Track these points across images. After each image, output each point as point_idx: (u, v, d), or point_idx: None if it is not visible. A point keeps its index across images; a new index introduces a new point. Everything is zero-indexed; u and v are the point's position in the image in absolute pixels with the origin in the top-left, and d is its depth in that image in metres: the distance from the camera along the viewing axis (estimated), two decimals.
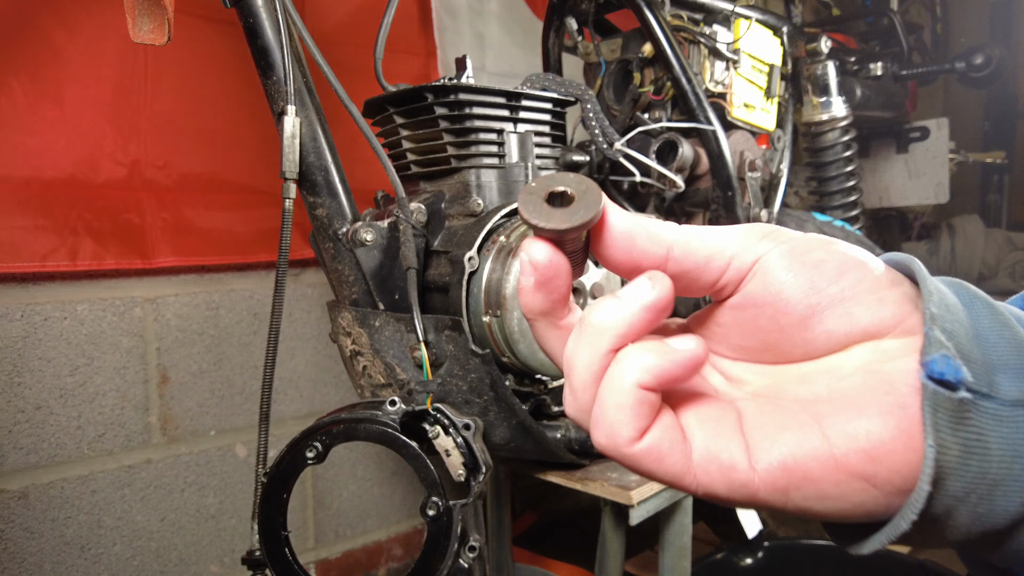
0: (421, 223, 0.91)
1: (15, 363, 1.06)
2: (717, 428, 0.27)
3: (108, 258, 1.11)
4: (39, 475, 1.09)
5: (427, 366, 0.84)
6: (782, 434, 0.26)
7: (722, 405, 0.29)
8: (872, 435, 0.25)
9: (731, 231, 0.29)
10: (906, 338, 0.27)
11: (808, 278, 0.27)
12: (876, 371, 0.27)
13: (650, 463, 0.26)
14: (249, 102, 1.23)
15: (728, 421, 0.28)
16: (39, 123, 1.04)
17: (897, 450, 0.24)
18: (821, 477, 0.25)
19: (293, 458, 0.77)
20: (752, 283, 0.28)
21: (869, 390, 0.26)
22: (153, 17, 0.83)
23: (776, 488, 0.26)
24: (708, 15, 1.19)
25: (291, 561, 0.77)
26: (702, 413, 0.28)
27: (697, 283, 0.29)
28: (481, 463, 0.77)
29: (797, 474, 0.25)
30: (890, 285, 0.28)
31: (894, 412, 0.25)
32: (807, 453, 0.25)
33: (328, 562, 1.44)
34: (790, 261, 0.28)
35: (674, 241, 0.28)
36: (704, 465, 0.26)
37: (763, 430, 0.27)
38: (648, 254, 0.28)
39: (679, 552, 1.04)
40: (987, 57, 1.62)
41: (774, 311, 0.28)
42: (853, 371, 0.27)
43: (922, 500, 0.24)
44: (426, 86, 0.91)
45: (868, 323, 0.27)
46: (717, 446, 0.27)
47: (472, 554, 0.73)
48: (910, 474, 0.25)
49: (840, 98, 1.36)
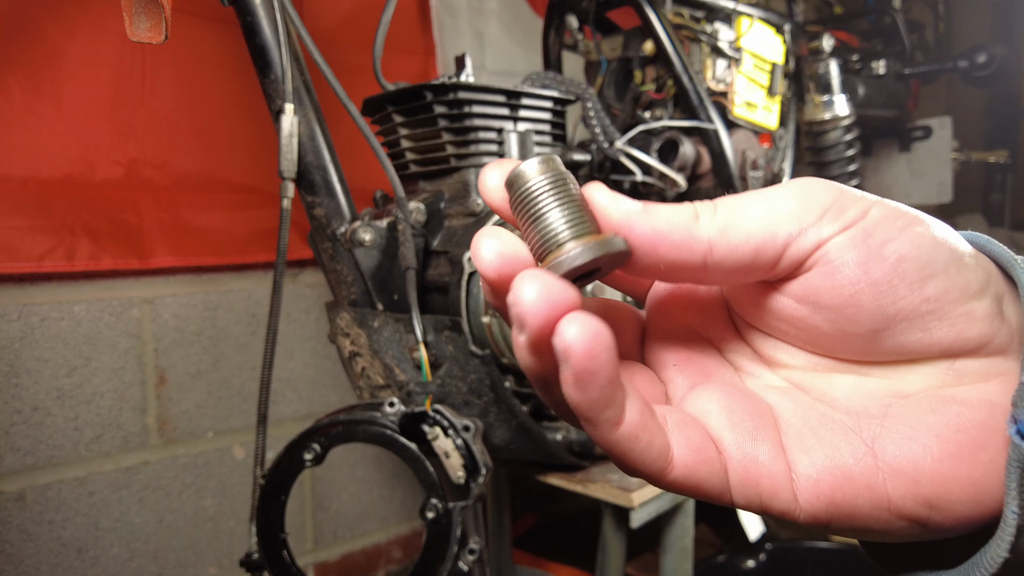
0: (420, 223, 0.90)
1: (12, 364, 1.06)
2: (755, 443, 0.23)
3: (105, 258, 1.11)
4: (36, 476, 1.08)
5: (426, 367, 0.83)
6: (829, 458, 0.23)
7: (757, 405, 0.25)
8: (935, 480, 0.22)
9: (781, 203, 0.23)
10: (988, 359, 0.23)
11: (886, 282, 0.22)
12: (947, 398, 0.23)
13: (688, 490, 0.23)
14: (247, 101, 1.23)
15: (768, 428, 0.24)
16: (36, 122, 1.04)
17: (961, 500, 0.22)
18: (868, 515, 0.22)
19: (291, 460, 0.76)
20: (814, 275, 0.23)
21: (937, 422, 0.22)
22: (150, 16, 0.83)
23: (817, 520, 0.23)
24: (710, 13, 1.18)
25: (289, 563, 0.76)
26: (736, 419, 0.24)
27: (744, 278, 0.24)
28: (481, 465, 0.76)
29: (843, 510, 0.22)
30: (980, 291, 0.23)
31: (964, 457, 0.22)
32: (858, 491, 0.22)
33: (327, 564, 1.43)
34: (863, 255, 0.22)
35: (711, 241, 0.22)
36: (741, 489, 0.23)
37: (805, 447, 0.23)
38: (679, 264, 0.22)
39: (680, 555, 1.03)
40: (990, 55, 1.61)
41: (838, 316, 0.23)
42: (919, 391, 0.24)
43: (997, 564, 0.21)
44: (425, 85, 0.91)
45: (950, 343, 0.23)
46: (757, 468, 0.23)
47: (472, 557, 0.73)
48: (969, 522, 0.22)
49: (843, 97, 1.35)
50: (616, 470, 0.98)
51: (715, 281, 0.24)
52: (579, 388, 0.20)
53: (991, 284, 0.23)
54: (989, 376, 0.23)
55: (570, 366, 0.19)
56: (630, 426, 0.21)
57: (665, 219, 0.22)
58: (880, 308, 0.22)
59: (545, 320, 0.19)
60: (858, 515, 0.22)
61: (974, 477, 0.21)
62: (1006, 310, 0.23)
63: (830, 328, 0.24)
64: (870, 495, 0.22)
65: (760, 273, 0.23)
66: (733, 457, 0.23)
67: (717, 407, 0.24)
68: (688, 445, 0.23)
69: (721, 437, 0.23)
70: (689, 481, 0.23)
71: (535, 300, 0.19)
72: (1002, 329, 0.23)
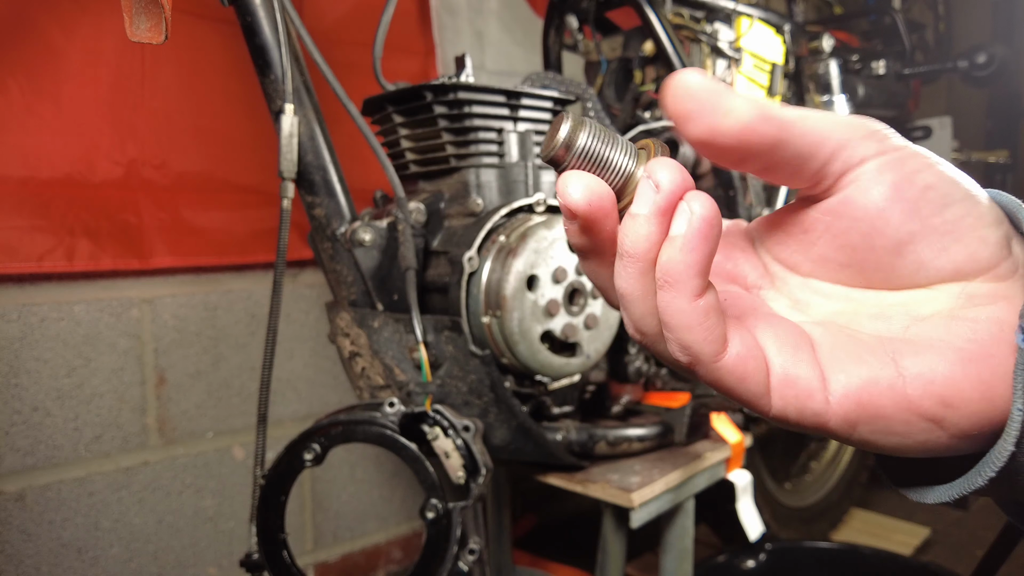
0: (420, 223, 0.90)
1: (11, 364, 1.06)
2: (795, 353, 0.26)
3: (105, 258, 1.10)
4: (36, 477, 1.08)
5: (426, 367, 0.83)
6: (858, 367, 0.26)
7: (797, 329, 0.28)
8: (949, 381, 0.24)
9: (834, 118, 0.27)
10: (997, 283, 0.26)
11: (913, 203, 0.26)
12: (959, 317, 0.26)
13: (733, 382, 0.26)
14: (247, 101, 1.23)
15: (804, 346, 0.27)
16: (36, 122, 1.04)
17: (973, 399, 0.24)
18: (892, 415, 0.25)
19: (291, 460, 0.76)
20: (852, 189, 0.27)
21: (950, 335, 0.25)
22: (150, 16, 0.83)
23: (847, 421, 0.26)
24: (710, 13, 1.18)
25: (289, 564, 0.76)
26: (779, 336, 0.27)
27: (798, 173, 0.27)
28: (481, 465, 0.76)
29: (870, 410, 0.25)
30: (993, 223, 0.26)
31: (974, 361, 0.24)
32: (882, 391, 0.25)
33: (326, 565, 1.43)
34: (897, 178, 0.26)
35: (789, 120, 0.26)
36: (781, 390, 0.26)
37: (838, 360, 0.26)
38: (762, 136, 0.25)
39: (681, 555, 1.03)
40: (990, 56, 1.61)
41: (870, 229, 0.27)
42: (934, 313, 0.27)
43: (1004, 458, 0.24)
44: (425, 85, 0.91)
45: (963, 262, 0.26)
46: (796, 371, 0.26)
47: (472, 557, 0.73)
48: (981, 422, 0.25)
49: (843, 97, 1.35)
50: (616, 470, 0.98)
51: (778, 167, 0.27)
52: (701, 241, 0.24)
53: (1003, 223, 0.27)
54: (997, 299, 0.26)
55: (693, 223, 0.24)
56: (706, 303, 0.25)
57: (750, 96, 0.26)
58: (906, 223, 0.26)
59: (675, 194, 0.25)
60: (883, 415, 0.25)
61: (983, 376, 0.24)
62: (1015, 247, 0.27)
63: (861, 241, 0.27)
64: (892, 395, 0.25)
65: (813, 170, 0.27)
66: (775, 364, 0.26)
67: (761, 329, 0.27)
68: (742, 341, 0.26)
69: (766, 348, 0.27)
70: (737, 371, 0.26)
71: (670, 180, 0.25)
72: (1009, 258, 0.26)
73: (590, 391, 1.07)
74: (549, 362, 0.87)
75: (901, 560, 1.37)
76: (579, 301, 0.89)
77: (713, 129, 0.25)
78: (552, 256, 0.85)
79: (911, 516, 1.85)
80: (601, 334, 0.91)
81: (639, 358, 1.09)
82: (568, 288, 0.87)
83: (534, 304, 0.84)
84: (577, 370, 0.91)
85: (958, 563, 1.59)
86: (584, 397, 1.06)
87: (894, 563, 1.33)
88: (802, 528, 1.60)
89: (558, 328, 0.87)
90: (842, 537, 1.74)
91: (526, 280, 0.83)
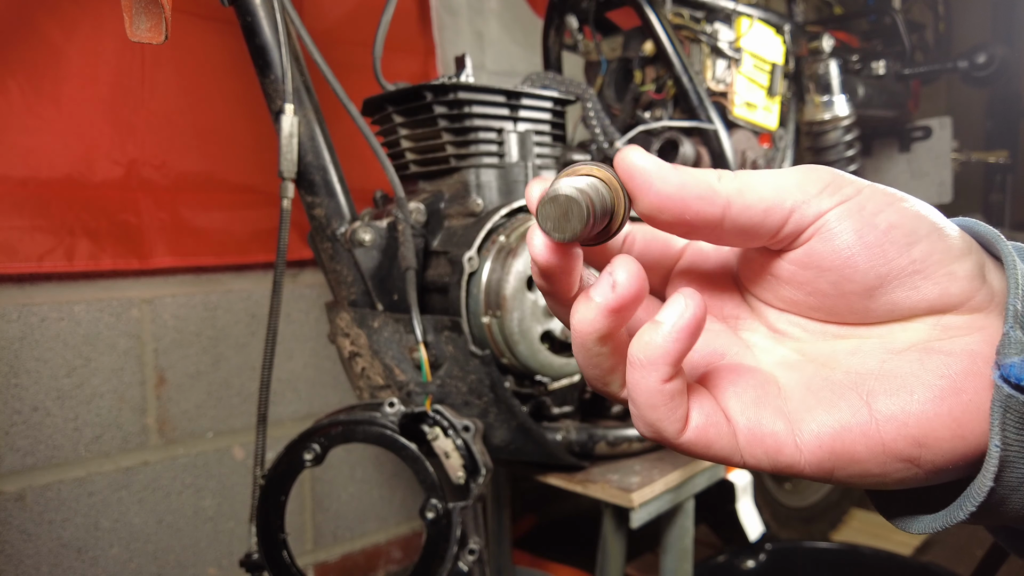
0: (420, 223, 0.90)
1: (12, 364, 1.06)
2: (759, 409, 0.27)
3: (105, 258, 1.11)
4: (36, 477, 1.08)
5: (426, 367, 0.83)
6: (830, 414, 0.26)
7: (761, 377, 0.28)
8: (922, 421, 0.25)
9: (787, 177, 0.27)
10: (972, 314, 0.26)
11: (878, 246, 0.26)
12: (933, 350, 0.26)
13: (699, 450, 0.26)
14: (247, 101, 1.23)
15: (770, 396, 0.27)
16: (36, 122, 1.04)
17: (946, 437, 0.24)
18: (867, 459, 0.25)
19: (291, 460, 0.76)
20: (816, 242, 0.26)
21: (923, 370, 0.25)
22: (150, 16, 0.83)
23: (821, 468, 0.26)
24: (710, 13, 1.18)
25: (289, 564, 0.76)
26: (743, 391, 0.27)
27: (754, 239, 0.27)
28: (481, 465, 0.76)
29: (844, 456, 0.26)
30: (961, 256, 0.26)
31: (946, 398, 0.25)
32: (855, 438, 0.25)
33: (326, 565, 1.43)
34: (858, 223, 0.26)
35: (729, 197, 0.26)
36: (749, 448, 0.26)
37: (809, 408, 0.26)
38: (702, 215, 0.26)
39: (681, 555, 1.03)
40: (990, 56, 1.61)
41: (838, 277, 0.27)
42: (908, 346, 0.27)
43: (983, 494, 0.24)
44: (425, 85, 0.91)
45: (935, 299, 0.26)
46: (761, 428, 0.26)
47: (471, 557, 0.73)
48: (955, 458, 0.25)
49: (843, 97, 1.35)
50: (616, 471, 0.98)
51: (728, 238, 0.27)
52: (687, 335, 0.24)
53: (972, 252, 0.27)
54: (972, 330, 0.26)
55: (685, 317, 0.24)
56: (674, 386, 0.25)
57: (691, 175, 0.26)
58: (873, 268, 0.26)
59: None
60: (857, 460, 0.25)
61: (955, 414, 0.24)
62: (989, 276, 0.27)
63: (831, 289, 0.27)
64: (866, 441, 0.25)
65: (767, 235, 0.27)
66: (739, 423, 0.27)
67: (725, 382, 0.28)
68: (701, 410, 0.26)
69: (728, 407, 0.27)
70: (700, 442, 0.26)
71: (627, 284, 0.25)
72: (982, 289, 0.26)
73: (590, 391, 1.07)
74: (549, 362, 0.87)
75: (901, 560, 1.37)
76: None
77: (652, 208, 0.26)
78: None
79: None
80: None
81: None
82: None
83: (534, 304, 0.84)
84: (577, 370, 0.91)
85: (958, 563, 1.59)
86: (584, 397, 1.06)
87: (894, 563, 1.34)
88: (802, 528, 1.60)
89: (558, 328, 0.87)
90: (842, 537, 1.74)
91: (526, 280, 0.83)
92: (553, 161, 1.02)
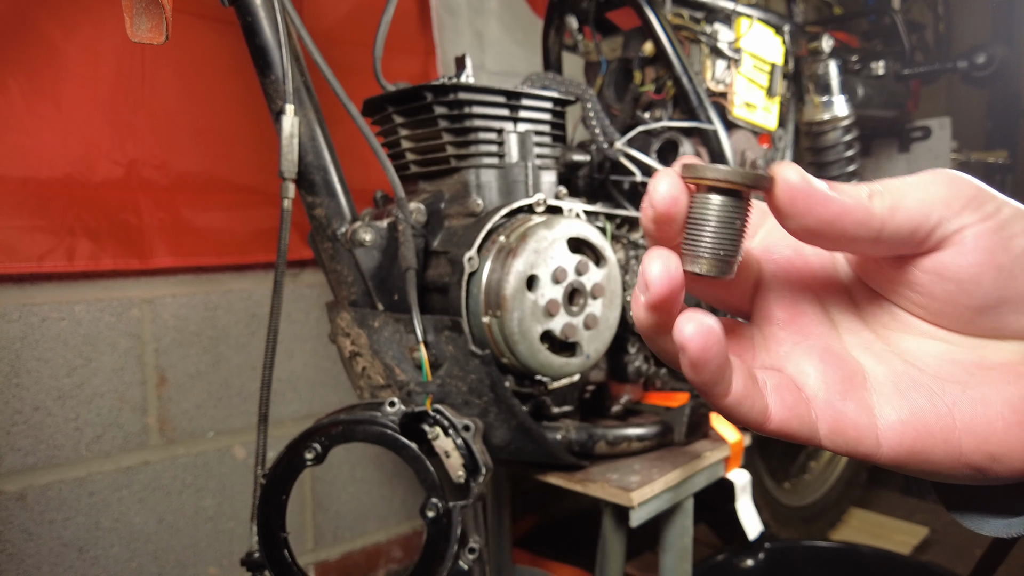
0: (420, 223, 0.90)
1: (12, 364, 1.06)
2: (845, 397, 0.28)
3: (105, 258, 1.11)
4: (37, 476, 1.09)
5: (426, 367, 0.83)
6: (914, 415, 0.27)
7: (848, 367, 0.29)
8: (1002, 440, 0.26)
9: (933, 191, 0.26)
10: None
11: (1007, 269, 0.26)
12: (1022, 374, 0.27)
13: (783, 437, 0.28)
14: (247, 101, 1.23)
15: (856, 388, 0.28)
16: (36, 122, 1.04)
17: (1018, 457, 0.26)
18: (940, 462, 0.27)
19: (292, 460, 0.76)
20: (946, 253, 0.27)
21: (1010, 391, 0.26)
22: (151, 16, 0.83)
23: (895, 463, 0.28)
24: (709, 14, 1.18)
25: (290, 563, 0.77)
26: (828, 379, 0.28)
27: (893, 250, 0.27)
28: (481, 464, 0.76)
29: (919, 457, 0.27)
30: None
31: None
32: (936, 443, 0.27)
33: (327, 564, 1.43)
34: (993, 243, 0.26)
35: (883, 219, 0.26)
36: (831, 436, 0.28)
37: (892, 405, 0.28)
38: (857, 239, 0.26)
39: (680, 554, 1.04)
40: (990, 56, 1.61)
41: (958, 289, 0.27)
42: (999, 364, 0.27)
43: None
44: (425, 85, 0.91)
45: None
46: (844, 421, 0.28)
47: (472, 556, 0.73)
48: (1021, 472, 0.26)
49: (842, 97, 1.35)
50: (616, 470, 0.98)
51: (879, 251, 0.28)
52: (694, 371, 0.25)
53: None
54: None
55: (687, 355, 0.25)
56: (735, 395, 0.27)
57: (850, 198, 0.26)
58: (996, 289, 0.26)
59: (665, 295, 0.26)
60: (931, 461, 0.27)
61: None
62: None
63: (947, 297, 0.27)
64: (945, 447, 0.27)
65: (910, 247, 0.27)
66: (824, 412, 0.28)
67: (813, 370, 0.29)
68: (783, 404, 0.28)
69: (816, 396, 0.28)
70: (783, 431, 0.28)
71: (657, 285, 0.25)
72: None
73: (590, 391, 1.07)
74: (549, 362, 0.87)
75: (900, 559, 1.37)
76: (579, 301, 0.89)
77: (808, 232, 0.26)
78: (552, 256, 0.85)
79: (910, 516, 1.86)
80: (601, 334, 0.91)
81: (638, 358, 1.09)
82: (568, 288, 0.88)
83: (534, 304, 0.84)
84: (577, 370, 0.91)
85: (957, 562, 1.59)
86: (584, 397, 1.06)
87: (893, 562, 1.34)
88: (801, 527, 1.60)
89: (558, 328, 0.87)
90: (841, 536, 1.75)
91: (526, 280, 0.83)
92: (553, 161, 1.02)
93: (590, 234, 0.90)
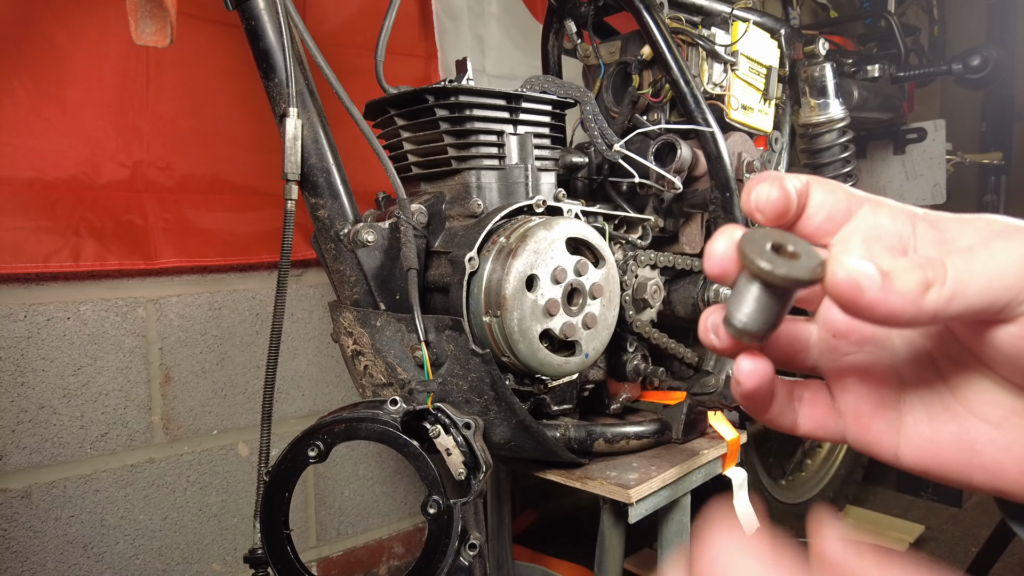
0: (422, 224, 0.91)
1: (18, 363, 1.07)
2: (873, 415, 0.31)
3: (111, 259, 1.12)
4: (42, 474, 1.10)
5: (428, 366, 0.84)
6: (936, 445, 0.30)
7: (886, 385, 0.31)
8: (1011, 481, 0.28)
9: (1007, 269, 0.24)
10: None
11: None
12: None
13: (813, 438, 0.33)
14: (251, 104, 1.24)
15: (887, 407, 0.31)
16: (42, 125, 1.05)
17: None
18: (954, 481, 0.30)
19: (295, 457, 0.77)
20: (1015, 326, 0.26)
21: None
22: (155, 19, 0.84)
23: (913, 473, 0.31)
24: (706, 17, 1.19)
25: (293, 559, 0.77)
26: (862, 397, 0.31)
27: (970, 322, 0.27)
28: (481, 462, 0.77)
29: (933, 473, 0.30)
30: None
31: None
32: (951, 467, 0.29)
33: (330, 560, 1.44)
34: None
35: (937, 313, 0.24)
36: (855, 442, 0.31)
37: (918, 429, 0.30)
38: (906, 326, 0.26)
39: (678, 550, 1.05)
40: (984, 58, 1.62)
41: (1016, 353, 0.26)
42: None
43: None
44: (427, 88, 0.92)
45: None
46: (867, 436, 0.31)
47: (472, 552, 0.74)
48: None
49: (837, 100, 1.36)
50: (614, 467, 0.99)
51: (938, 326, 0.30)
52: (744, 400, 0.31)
53: None
54: None
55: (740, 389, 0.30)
56: (772, 412, 0.32)
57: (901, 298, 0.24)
58: None
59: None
60: (946, 479, 0.30)
61: None
62: None
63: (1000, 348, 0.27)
64: (960, 472, 0.29)
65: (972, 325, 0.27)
66: (852, 424, 0.31)
67: (853, 384, 0.32)
68: (811, 418, 0.32)
69: (847, 410, 0.32)
70: (811, 436, 0.32)
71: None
72: None
73: (589, 389, 1.08)
74: (548, 361, 0.88)
75: None
76: (578, 301, 0.90)
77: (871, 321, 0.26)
78: (551, 256, 0.86)
79: (906, 513, 1.87)
80: (599, 333, 0.93)
81: (637, 357, 1.10)
82: (567, 288, 0.89)
83: (534, 304, 0.85)
84: (576, 368, 0.93)
85: (953, 560, 1.60)
86: (583, 395, 1.07)
87: None
88: (797, 524, 1.61)
89: (557, 327, 0.88)
90: None
91: (526, 280, 0.85)
92: (552, 163, 1.03)
93: (589, 235, 0.91)
